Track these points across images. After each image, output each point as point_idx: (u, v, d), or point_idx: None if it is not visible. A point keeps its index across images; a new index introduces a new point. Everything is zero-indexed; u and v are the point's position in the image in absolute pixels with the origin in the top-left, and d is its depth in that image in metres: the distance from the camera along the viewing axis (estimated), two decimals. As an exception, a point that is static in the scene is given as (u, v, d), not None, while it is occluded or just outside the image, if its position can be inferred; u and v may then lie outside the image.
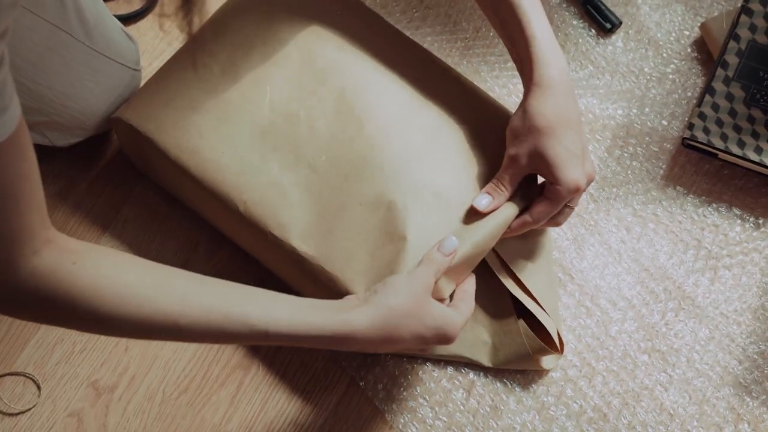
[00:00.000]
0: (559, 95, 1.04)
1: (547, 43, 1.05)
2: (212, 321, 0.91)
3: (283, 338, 0.94)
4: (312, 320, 0.94)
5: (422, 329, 0.98)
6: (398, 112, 1.13)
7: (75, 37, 1.12)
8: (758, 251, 1.22)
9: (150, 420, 1.14)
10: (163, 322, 0.89)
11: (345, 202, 1.10)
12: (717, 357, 1.18)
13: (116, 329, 0.90)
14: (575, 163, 1.03)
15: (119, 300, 0.88)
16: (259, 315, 0.93)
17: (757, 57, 1.24)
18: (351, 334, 0.95)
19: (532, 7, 1.05)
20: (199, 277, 0.94)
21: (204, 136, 1.13)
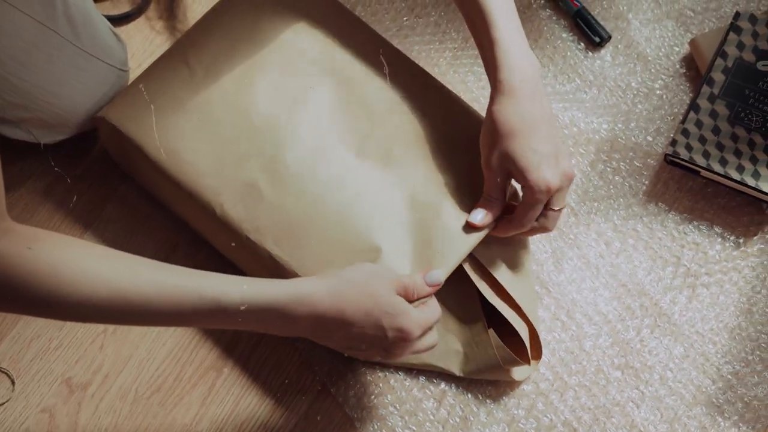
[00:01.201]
0: (521, 99, 1.03)
1: (511, 46, 1.04)
2: (167, 296, 0.92)
3: (237, 312, 0.94)
4: (265, 289, 0.96)
5: (379, 314, 0.98)
6: (379, 119, 1.14)
7: (62, 36, 1.13)
8: (737, 271, 1.21)
9: (121, 419, 1.15)
10: (119, 302, 0.90)
11: (321, 208, 1.10)
12: (691, 375, 1.17)
13: (73, 312, 0.91)
14: (544, 164, 1.03)
15: (75, 283, 0.88)
16: (212, 287, 0.94)
17: (744, 75, 1.23)
18: (304, 303, 0.95)
19: (499, 9, 1.05)
20: (153, 261, 0.95)
21: (185, 138, 1.14)
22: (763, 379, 1.17)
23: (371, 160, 1.12)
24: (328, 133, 1.13)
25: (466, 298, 1.14)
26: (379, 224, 1.09)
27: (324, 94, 1.15)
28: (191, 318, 0.95)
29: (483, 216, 1.08)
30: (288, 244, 1.09)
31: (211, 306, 0.94)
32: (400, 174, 1.11)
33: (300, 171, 1.11)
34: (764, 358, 1.18)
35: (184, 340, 1.18)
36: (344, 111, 1.14)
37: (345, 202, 1.10)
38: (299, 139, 1.13)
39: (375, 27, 1.33)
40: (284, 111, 1.14)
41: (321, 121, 1.13)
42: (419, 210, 1.09)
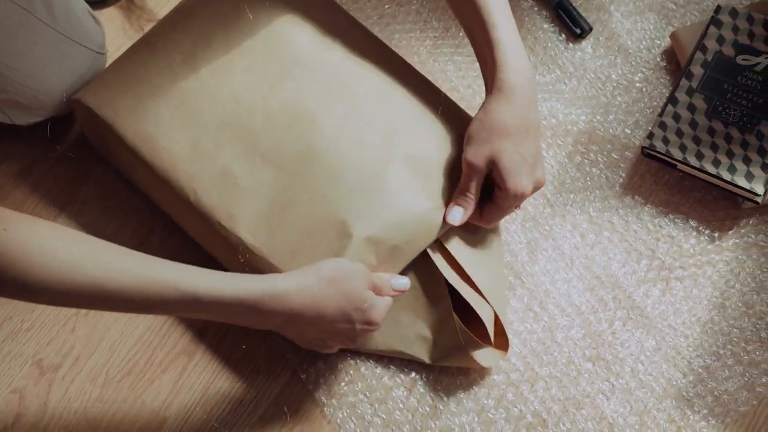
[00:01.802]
0: (520, 101, 1.04)
1: (513, 48, 1.05)
2: (141, 285, 0.93)
3: (212, 303, 0.95)
4: (241, 282, 0.97)
5: (351, 310, 1.00)
6: (355, 109, 1.13)
7: (38, 18, 1.13)
8: (711, 265, 1.21)
9: (91, 401, 1.15)
10: (91, 288, 0.91)
11: (295, 195, 1.10)
12: (662, 368, 1.17)
13: (44, 296, 0.91)
14: (525, 171, 1.05)
15: (48, 266, 0.89)
16: (187, 279, 0.95)
17: (723, 69, 1.23)
18: (277, 298, 0.97)
19: (499, 10, 1.05)
20: (127, 249, 0.95)
21: (160, 123, 1.13)
22: (733, 373, 1.16)
23: (346, 147, 1.11)
24: (303, 119, 1.13)
25: (436, 284, 1.13)
26: (351, 211, 1.09)
27: (300, 80, 1.14)
28: (163, 307, 0.95)
29: (462, 216, 1.09)
30: (261, 231, 1.09)
31: (184, 297, 0.94)
32: (374, 160, 1.11)
33: (274, 158, 1.11)
34: (735, 352, 1.17)
35: (156, 324, 1.18)
36: (319, 97, 1.14)
37: (318, 189, 1.10)
38: (274, 126, 1.12)
39: (356, 14, 1.33)
40: (260, 98, 1.14)
41: (296, 107, 1.13)
42: (392, 197, 1.09)
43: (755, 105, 1.21)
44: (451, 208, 1.09)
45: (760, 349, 1.17)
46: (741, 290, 1.20)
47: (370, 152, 1.11)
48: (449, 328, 1.12)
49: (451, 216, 1.09)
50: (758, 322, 1.19)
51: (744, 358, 1.17)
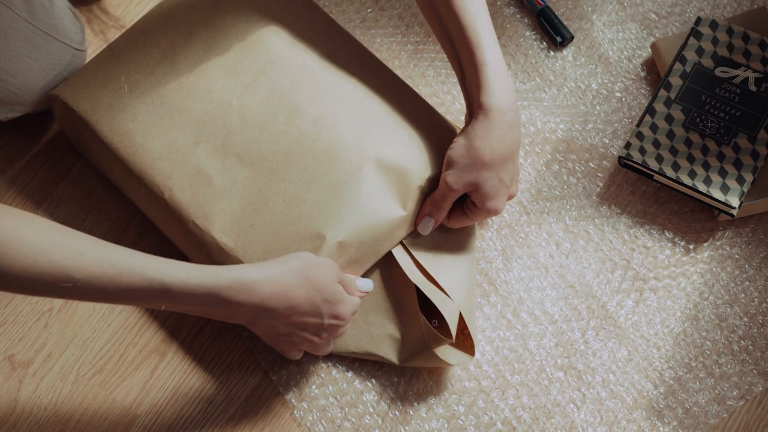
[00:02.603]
0: (505, 127, 1.05)
1: (498, 70, 1.06)
2: (109, 274, 0.93)
3: (181, 293, 0.95)
4: (208, 272, 0.97)
5: (320, 301, 1.02)
6: (331, 111, 1.14)
7: (16, 13, 1.13)
8: (686, 276, 1.21)
9: (61, 398, 1.15)
10: (59, 277, 0.91)
11: (268, 196, 1.10)
12: (633, 379, 1.17)
13: (14, 284, 0.91)
14: (501, 193, 1.08)
15: (15, 254, 0.89)
16: (156, 268, 0.95)
17: (701, 80, 1.23)
18: (247, 288, 0.97)
19: (485, 30, 1.06)
20: (96, 239, 0.95)
21: (137, 120, 1.14)
22: (704, 385, 1.16)
23: (321, 149, 1.11)
24: (277, 120, 1.13)
25: (404, 284, 1.13)
26: (324, 215, 1.09)
27: (276, 81, 1.15)
28: (133, 297, 0.95)
29: (431, 227, 1.12)
30: (234, 232, 1.09)
31: (155, 287, 0.94)
32: (348, 163, 1.11)
33: (249, 159, 1.11)
34: (707, 364, 1.17)
35: (129, 321, 1.18)
36: (294, 98, 1.14)
37: (292, 191, 1.10)
38: (249, 126, 1.12)
39: (338, 17, 1.33)
40: (236, 98, 1.14)
41: (271, 108, 1.13)
42: (364, 200, 1.09)
43: (732, 117, 1.21)
44: (422, 218, 1.11)
45: (732, 362, 1.18)
46: (714, 302, 1.20)
47: (345, 155, 1.11)
48: (415, 328, 1.12)
49: (421, 226, 1.12)
50: (731, 335, 1.19)
51: (716, 371, 1.17)
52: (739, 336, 1.19)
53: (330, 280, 1.04)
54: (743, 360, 1.18)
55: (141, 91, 1.15)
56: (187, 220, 1.11)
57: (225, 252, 1.09)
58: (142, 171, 1.12)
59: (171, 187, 1.11)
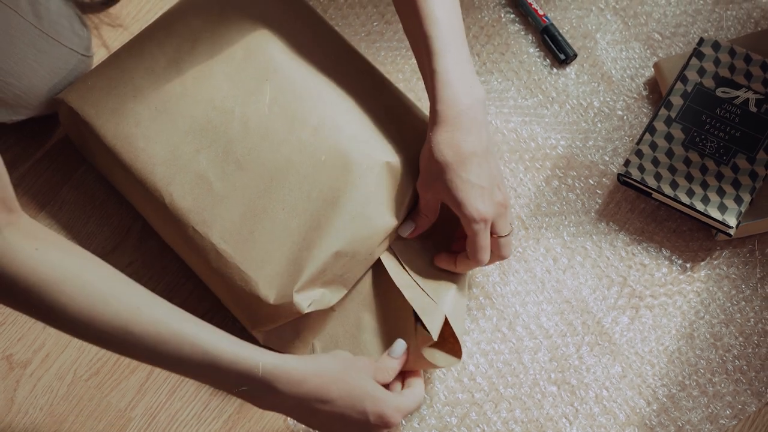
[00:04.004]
0: (455, 131, 1.05)
1: (450, 78, 1.05)
2: (162, 334, 0.92)
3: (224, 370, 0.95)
4: (257, 355, 0.96)
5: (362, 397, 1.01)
6: (332, 120, 1.14)
7: (23, 17, 1.15)
8: (682, 295, 1.22)
9: (57, 399, 1.16)
10: (114, 327, 0.91)
11: (268, 204, 1.11)
12: (626, 396, 1.17)
13: (67, 325, 0.91)
14: (478, 195, 1.05)
15: (76, 296, 0.89)
16: (209, 339, 0.94)
17: (702, 100, 1.23)
18: (291, 378, 0.97)
19: (443, 38, 1.06)
20: (154, 295, 0.95)
21: (140, 125, 1.15)
22: (698, 404, 1.17)
23: (319, 156, 1.12)
24: (279, 129, 1.14)
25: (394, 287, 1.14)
26: (323, 224, 1.10)
27: (278, 89, 1.16)
28: (176, 362, 0.94)
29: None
30: (233, 238, 1.10)
31: (204, 360, 0.94)
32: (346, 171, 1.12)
33: (249, 166, 1.12)
34: (701, 383, 1.18)
35: (127, 325, 1.19)
36: (296, 107, 1.15)
37: (291, 200, 1.11)
38: (250, 134, 1.13)
39: (344, 30, 1.34)
40: (238, 105, 1.15)
41: (272, 116, 1.14)
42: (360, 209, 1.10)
43: (732, 138, 1.21)
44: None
45: (725, 382, 1.18)
46: (710, 322, 1.21)
47: (343, 164, 1.12)
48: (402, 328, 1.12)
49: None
50: (725, 354, 1.19)
51: (709, 390, 1.17)
52: (734, 356, 1.19)
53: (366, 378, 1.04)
54: (737, 380, 1.18)
55: (145, 96, 1.16)
56: (186, 226, 1.12)
57: (223, 258, 1.10)
58: (144, 176, 1.14)
59: (171, 192, 1.12)
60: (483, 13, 1.36)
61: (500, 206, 1.07)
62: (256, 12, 1.20)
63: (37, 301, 0.88)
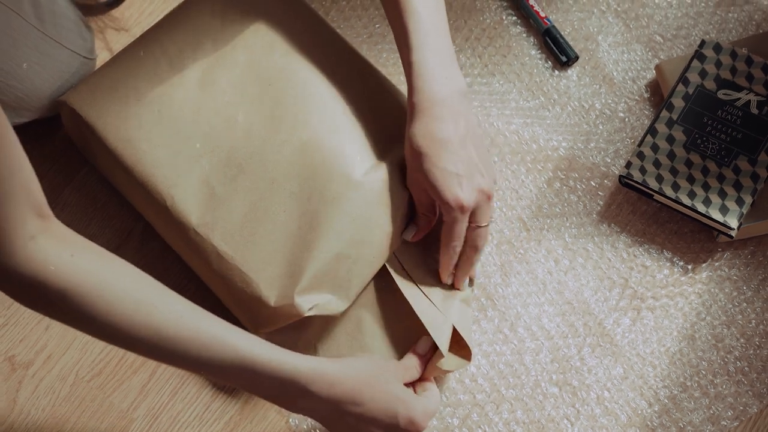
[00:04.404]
0: (429, 120, 1.05)
1: (424, 70, 1.06)
2: (203, 340, 0.92)
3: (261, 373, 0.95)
4: (291, 357, 0.97)
5: (394, 401, 1.02)
6: (333, 123, 1.15)
7: (25, 19, 1.15)
8: (684, 296, 1.22)
9: (59, 400, 1.16)
10: (154, 334, 0.90)
11: (269, 208, 1.11)
12: (628, 397, 1.17)
13: (105, 332, 0.91)
14: (455, 183, 1.05)
15: (114, 303, 0.89)
16: (245, 343, 0.95)
17: (703, 102, 1.24)
18: (326, 379, 0.97)
19: (421, 30, 1.07)
20: (190, 302, 0.95)
21: (143, 128, 1.15)
22: (699, 405, 1.17)
23: (320, 159, 1.12)
24: (281, 133, 1.14)
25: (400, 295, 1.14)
26: (322, 224, 1.10)
27: (280, 94, 1.16)
28: (214, 367, 0.94)
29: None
30: (234, 240, 1.10)
31: (242, 362, 0.94)
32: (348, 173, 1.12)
33: (251, 170, 1.12)
34: (703, 384, 1.18)
35: (129, 327, 1.19)
36: (297, 112, 1.15)
37: (291, 201, 1.11)
38: (252, 139, 1.14)
39: (346, 32, 1.35)
40: (242, 111, 1.15)
41: (274, 121, 1.14)
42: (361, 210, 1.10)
43: (734, 140, 1.21)
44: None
45: (727, 383, 1.18)
46: (711, 323, 1.21)
47: (345, 166, 1.12)
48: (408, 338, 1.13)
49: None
50: (727, 355, 1.19)
51: (711, 391, 1.17)
52: (735, 357, 1.19)
53: (395, 382, 1.05)
54: (738, 381, 1.18)
55: (148, 100, 1.16)
56: (188, 228, 1.12)
57: (225, 260, 1.10)
58: (146, 178, 1.14)
59: (173, 195, 1.12)
60: (485, 15, 1.36)
61: (481, 193, 1.07)
62: (258, 15, 1.20)
63: (74, 308, 0.88)
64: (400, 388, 1.04)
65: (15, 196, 0.83)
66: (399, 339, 1.15)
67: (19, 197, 0.84)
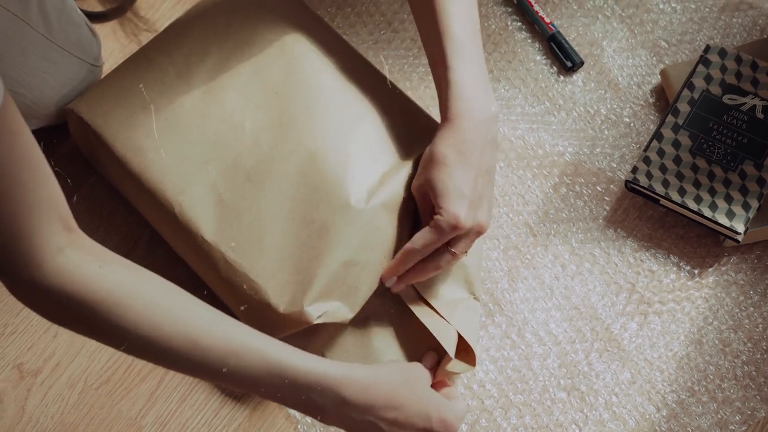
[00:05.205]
0: (464, 132, 1.04)
1: (466, 91, 1.05)
2: (233, 346, 0.92)
3: (293, 380, 0.94)
4: (321, 363, 0.96)
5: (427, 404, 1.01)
6: (341, 131, 1.15)
7: (34, 28, 1.15)
8: (690, 301, 1.22)
9: (68, 407, 1.16)
10: (185, 342, 0.90)
11: (277, 215, 1.11)
12: (636, 402, 1.17)
13: (135, 344, 0.90)
14: (462, 201, 1.04)
15: (144, 313, 0.88)
16: (275, 350, 0.94)
17: (709, 107, 1.24)
18: (354, 380, 0.97)
19: (460, 50, 1.06)
20: (218, 311, 0.95)
21: (150, 136, 1.15)
22: (707, 410, 1.17)
23: (328, 167, 1.13)
24: (288, 141, 1.14)
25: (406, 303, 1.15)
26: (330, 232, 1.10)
27: (287, 101, 1.16)
28: (243, 375, 0.93)
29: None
30: (242, 247, 1.10)
31: (272, 368, 0.93)
32: (355, 182, 1.12)
33: (259, 178, 1.13)
34: (710, 389, 1.18)
35: (137, 334, 1.20)
36: (305, 119, 1.15)
37: (300, 208, 1.11)
38: (260, 146, 1.14)
39: (352, 39, 1.35)
40: (248, 118, 1.15)
41: (281, 129, 1.15)
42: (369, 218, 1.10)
43: (739, 144, 1.22)
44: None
45: (734, 387, 1.18)
46: (718, 327, 1.21)
47: (352, 174, 1.12)
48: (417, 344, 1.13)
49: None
50: (734, 360, 1.19)
51: (718, 396, 1.18)
52: (743, 361, 1.19)
53: (426, 386, 1.05)
54: (746, 385, 1.18)
55: (155, 108, 1.16)
56: (196, 235, 1.12)
57: (233, 268, 1.10)
58: (153, 186, 1.14)
59: (181, 202, 1.13)
60: (490, 21, 1.36)
61: (477, 226, 1.06)
62: (264, 23, 1.21)
63: (104, 319, 0.87)
64: (430, 391, 1.04)
65: (42, 208, 0.84)
66: (406, 345, 1.15)
67: (47, 210, 0.84)
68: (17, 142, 0.80)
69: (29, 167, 0.82)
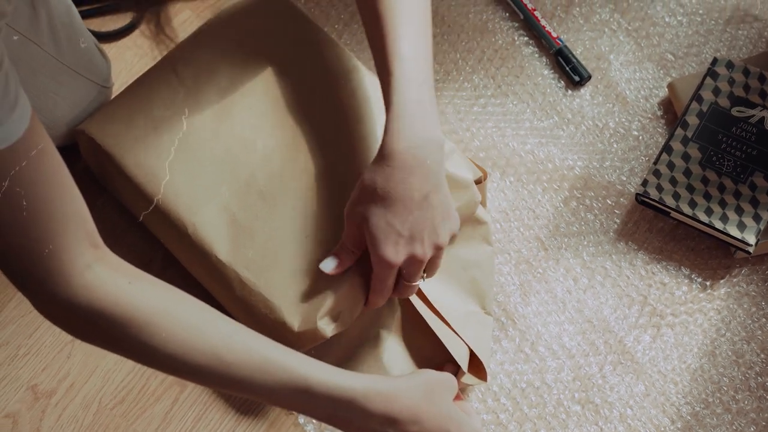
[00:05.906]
0: (395, 170, 0.99)
1: (406, 113, 1.00)
2: (255, 360, 0.92)
3: (317, 393, 0.94)
4: (346, 376, 0.96)
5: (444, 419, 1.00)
6: (352, 148, 1.15)
7: (44, 50, 1.16)
8: (703, 312, 1.22)
9: (83, 428, 1.16)
10: (208, 356, 0.90)
11: (291, 233, 1.11)
12: (650, 414, 1.18)
13: (163, 360, 0.90)
14: (393, 241, 1.00)
15: (173, 328, 0.89)
16: (299, 363, 0.94)
17: (718, 120, 1.25)
18: (378, 392, 0.96)
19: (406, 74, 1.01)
20: (240, 324, 0.95)
21: (162, 157, 1.15)
22: (722, 421, 1.17)
23: (340, 183, 1.13)
24: (299, 159, 1.14)
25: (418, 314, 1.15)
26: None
27: (298, 118, 1.16)
28: (268, 389, 0.93)
29: (334, 266, 1.06)
30: (257, 267, 1.11)
31: (297, 382, 0.93)
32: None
33: (271, 197, 1.13)
34: (724, 400, 1.18)
35: (150, 353, 1.20)
36: (316, 138, 1.15)
37: (313, 226, 1.11)
38: (272, 165, 1.14)
39: (360, 55, 1.35)
40: (259, 137, 1.16)
41: (293, 147, 1.15)
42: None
43: (749, 156, 1.22)
44: (327, 258, 1.06)
45: (749, 398, 1.18)
46: (731, 339, 1.21)
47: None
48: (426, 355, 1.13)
49: (323, 264, 1.06)
50: (748, 371, 1.20)
51: (733, 407, 1.18)
52: (756, 372, 1.19)
53: (449, 399, 1.03)
54: (760, 396, 1.18)
55: (166, 128, 1.17)
56: (209, 255, 1.12)
57: (247, 287, 1.10)
58: (166, 207, 1.14)
59: (195, 222, 1.13)
60: (497, 36, 1.37)
61: (413, 258, 1.01)
62: (272, 41, 1.21)
63: (134, 337, 0.88)
64: (452, 407, 1.03)
65: (70, 225, 0.84)
66: (420, 358, 1.15)
67: (75, 226, 0.85)
68: (45, 160, 0.81)
69: (57, 184, 0.82)
